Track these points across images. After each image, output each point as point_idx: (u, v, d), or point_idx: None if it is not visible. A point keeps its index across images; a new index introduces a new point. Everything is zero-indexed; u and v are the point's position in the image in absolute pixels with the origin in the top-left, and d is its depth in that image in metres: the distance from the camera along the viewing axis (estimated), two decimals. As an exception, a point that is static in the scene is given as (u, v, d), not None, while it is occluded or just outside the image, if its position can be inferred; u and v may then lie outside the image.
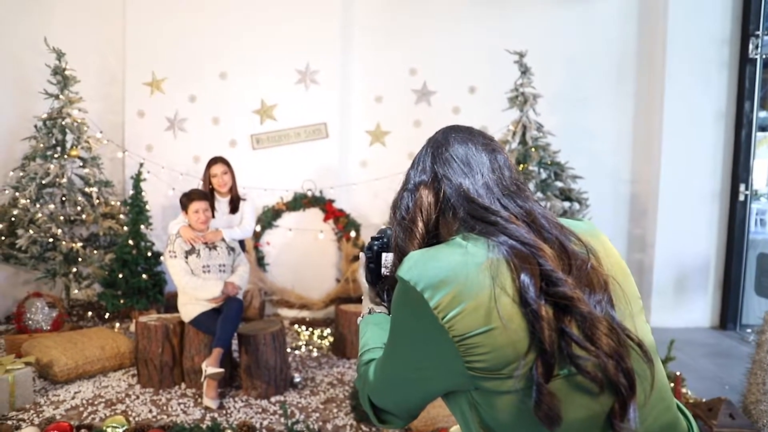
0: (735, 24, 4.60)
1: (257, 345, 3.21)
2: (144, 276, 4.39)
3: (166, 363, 3.28)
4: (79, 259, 4.45)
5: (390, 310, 0.96)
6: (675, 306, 4.75)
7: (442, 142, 0.99)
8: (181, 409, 3.02)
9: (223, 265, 3.40)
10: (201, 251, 3.34)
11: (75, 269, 4.48)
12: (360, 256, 1.17)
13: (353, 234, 4.86)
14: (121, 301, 4.34)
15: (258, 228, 4.83)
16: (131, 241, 4.42)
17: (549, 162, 4.23)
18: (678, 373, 3.00)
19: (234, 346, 3.49)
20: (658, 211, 4.74)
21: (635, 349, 0.81)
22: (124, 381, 3.38)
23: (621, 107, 4.95)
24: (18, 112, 4.69)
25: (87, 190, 4.50)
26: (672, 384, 2.85)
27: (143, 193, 4.55)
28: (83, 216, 4.45)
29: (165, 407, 3.04)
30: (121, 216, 4.63)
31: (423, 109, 5.03)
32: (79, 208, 4.41)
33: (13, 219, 4.31)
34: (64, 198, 4.40)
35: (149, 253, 4.51)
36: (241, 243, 3.92)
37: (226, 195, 3.85)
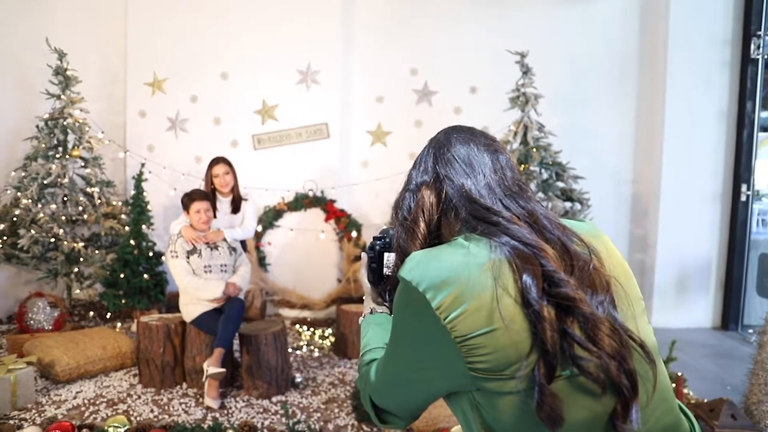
0: (737, 24, 4.59)
1: (258, 345, 3.21)
2: (145, 276, 4.39)
3: (167, 363, 3.28)
4: (81, 259, 4.46)
5: (392, 310, 0.96)
6: (676, 306, 4.74)
7: (443, 142, 0.99)
8: (183, 409, 3.02)
9: (225, 265, 3.40)
10: (202, 251, 3.35)
11: (76, 269, 4.49)
12: (362, 256, 1.17)
13: (354, 234, 4.86)
14: (123, 301, 4.34)
15: (259, 228, 4.84)
16: (133, 241, 4.42)
17: (550, 162, 4.23)
18: (679, 374, 2.99)
19: (235, 346, 3.50)
20: (659, 212, 4.73)
21: (637, 350, 0.80)
22: (125, 381, 3.38)
23: (622, 107, 4.95)
24: (20, 112, 4.70)
25: (88, 190, 4.51)
26: (673, 385, 2.84)
27: (145, 193, 4.55)
28: (85, 216, 4.46)
29: (166, 407, 3.04)
30: (123, 216, 4.64)
31: (424, 110, 5.03)
32: (81, 208, 4.42)
33: (15, 219, 4.32)
34: (65, 198, 4.40)
35: (151, 253, 4.51)
36: (243, 243, 3.92)
37: (227, 195, 3.85)
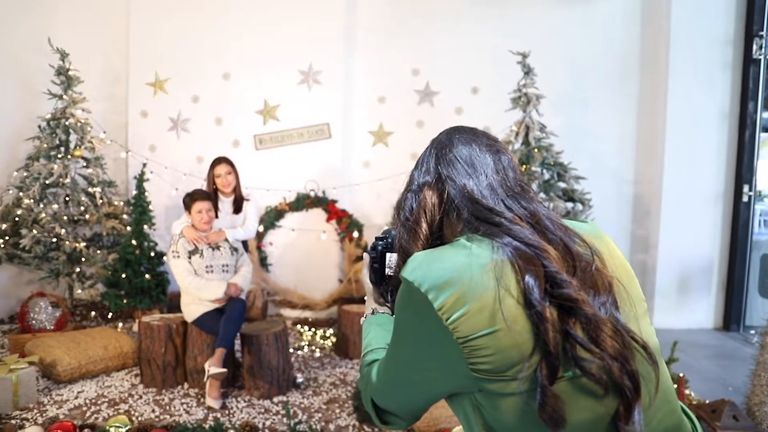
0: (738, 24, 4.58)
1: (260, 345, 3.21)
2: (147, 276, 4.40)
3: (169, 363, 3.28)
4: (83, 259, 4.46)
5: (393, 310, 0.96)
6: (678, 307, 4.73)
7: (445, 143, 0.99)
8: (184, 409, 3.02)
9: (226, 266, 3.40)
10: (204, 251, 3.35)
11: (78, 269, 4.49)
12: (363, 256, 1.16)
13: (356, 234, 4.86)
14: (125, 301, 4.34)
15: (261, 228, 4.84)
16: (134, 241, 4.43)
17: (552, 163, 4.23)
18: (681, 375, 2.99)
19: (237, 346, 3.50)
20: (661, 212, 4.72)
21: (640, 352, 0.80)
22: (127, 381, 3.38)
23: (624, 108, 4.94)
24: (22, 112, 4.70)
25: (90, 190, 4.51)
26: (675, 386, 2.84)
27: (146, 194, 4.55)
28: (86, 216, 4.46)
29: (168, 407, 3.04)
30: (125, 216, 4.64)
31: (426, 110, 5.03)
32: (83, 208, 4.42)
33: (17, 219, 4.33)
34: (67, 198, 4.41)
35: (152, 253, 4.51)
36: (244, 243, 3.92)
37: (229, 195, 3.85)
